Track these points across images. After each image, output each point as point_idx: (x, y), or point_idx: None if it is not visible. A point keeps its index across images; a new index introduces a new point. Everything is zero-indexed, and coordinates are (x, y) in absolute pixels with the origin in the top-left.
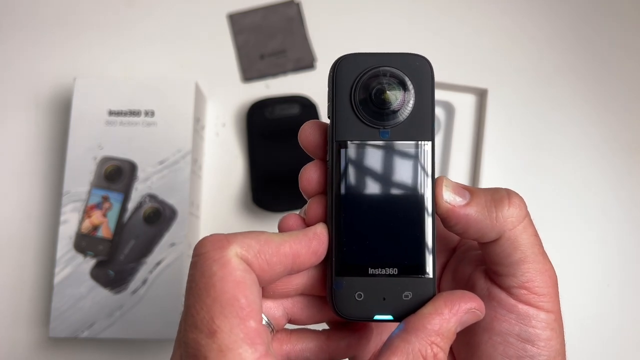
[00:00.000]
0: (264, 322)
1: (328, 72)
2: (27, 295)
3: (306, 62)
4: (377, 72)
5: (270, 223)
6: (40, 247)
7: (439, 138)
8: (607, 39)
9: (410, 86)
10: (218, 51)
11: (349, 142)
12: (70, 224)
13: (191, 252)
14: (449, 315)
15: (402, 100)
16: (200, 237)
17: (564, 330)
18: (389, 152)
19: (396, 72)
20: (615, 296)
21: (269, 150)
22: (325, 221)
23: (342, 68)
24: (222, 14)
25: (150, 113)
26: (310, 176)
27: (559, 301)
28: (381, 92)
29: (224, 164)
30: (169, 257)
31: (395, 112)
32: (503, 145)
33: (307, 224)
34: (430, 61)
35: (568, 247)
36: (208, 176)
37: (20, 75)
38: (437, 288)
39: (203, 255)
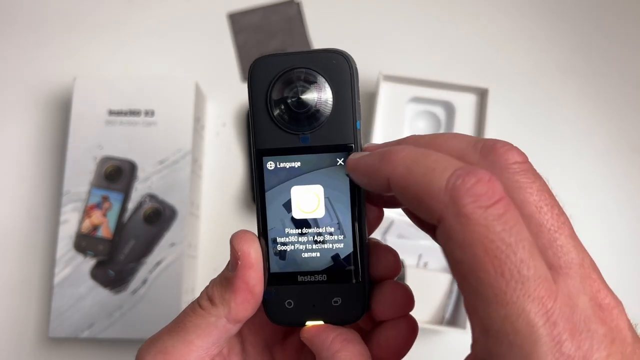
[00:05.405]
0: None
1: None
2: (27, 295)
3: None
4: (290, 75)
5: None
6: (40, 247)
7: None
8: (607, 39)
9: (327, 87)
10: (218, 51)
11: (269, 150)
12: (70, 223)
13: (191, 252)
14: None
15: (319, 103)
16: (201, 237)
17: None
18: (311, 158)
19: (310, 73)
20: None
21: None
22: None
23: (256, 73)
24: (222, 14)
25: (150, 113)
26: None
27: None
28: (295, 96)
29: (224, 163)
30: (169, 257)
31: (313, 115)
32: None
33: None
34: (351, 56)
35: None
36: (208, 176)
37: (20, 75)
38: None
39: None
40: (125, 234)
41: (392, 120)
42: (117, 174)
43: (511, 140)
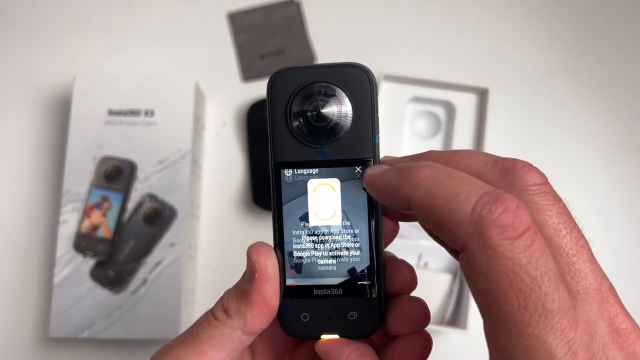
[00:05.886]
0: None
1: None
2: (27, 295)
3: (306, 62)
4: (311, 89)
5: (270, 223)
6: (40, 247)
7: (439, 138)
8: (607, 39)
9: (347, 101)
10: (218, 50)
11: (287, 163)
12: (70, 224)
13: (191, 252)
14: None
15: (339, 117)
16: (200, 237)
17: None
18: (330, 172)
19: (331, 87)
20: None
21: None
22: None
23: (276, 85)
24: (222, 13)
25: (150, 113)
26: None
27: None
28: (315, 110)
29: (224, 163)
30: (169, 257)
31: (332, 129)
32: (504, 145)
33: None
34: (371, 70)
35: None
36: (208, 176)
37: (19, 75)
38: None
39: None
40: (125, 234)
41: (392, 120)
42: (116, 174)
43: (512, 140)
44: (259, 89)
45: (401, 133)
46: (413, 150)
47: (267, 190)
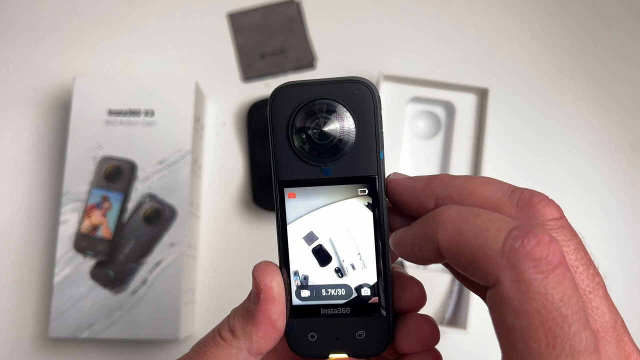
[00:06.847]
0: None
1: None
2: (27, 295)
3: (306, 62)
4: (312, 106)
5: (270, 223)
6: (40, 247)
7: (439, 138)
8: (607, 39)
9: (350, 118)
10: (218, 51)
11: (290, 182)
12: (70, 224)
13: (191, 252)
14: None
15: (342, 134)
16: (200, 237)
17: None
18: (334, 190)
19: (333, 105)
20: (616, 296)
21: (269, 150)
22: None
23: (277, 103)
24: (222, 14)
25: (150, 113)
26: None
27: None
28: (317, 128)
29: (224, 163)
30: (169, 257)
31: (335, 147)
32: (504, 145)
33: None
34: (374, 85)
35: None
36: (208, 176)
37: (19, 75)
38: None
39: None
40: (125, 234)
41: (392, 120)
42: (117, 174)
43: (511, 140)
44: (259, 89)
45: (401, 133)
46: (413, 150)
47: (267, 190)
